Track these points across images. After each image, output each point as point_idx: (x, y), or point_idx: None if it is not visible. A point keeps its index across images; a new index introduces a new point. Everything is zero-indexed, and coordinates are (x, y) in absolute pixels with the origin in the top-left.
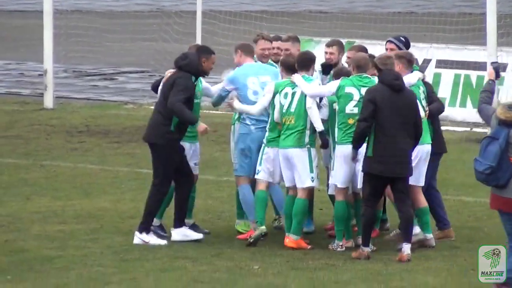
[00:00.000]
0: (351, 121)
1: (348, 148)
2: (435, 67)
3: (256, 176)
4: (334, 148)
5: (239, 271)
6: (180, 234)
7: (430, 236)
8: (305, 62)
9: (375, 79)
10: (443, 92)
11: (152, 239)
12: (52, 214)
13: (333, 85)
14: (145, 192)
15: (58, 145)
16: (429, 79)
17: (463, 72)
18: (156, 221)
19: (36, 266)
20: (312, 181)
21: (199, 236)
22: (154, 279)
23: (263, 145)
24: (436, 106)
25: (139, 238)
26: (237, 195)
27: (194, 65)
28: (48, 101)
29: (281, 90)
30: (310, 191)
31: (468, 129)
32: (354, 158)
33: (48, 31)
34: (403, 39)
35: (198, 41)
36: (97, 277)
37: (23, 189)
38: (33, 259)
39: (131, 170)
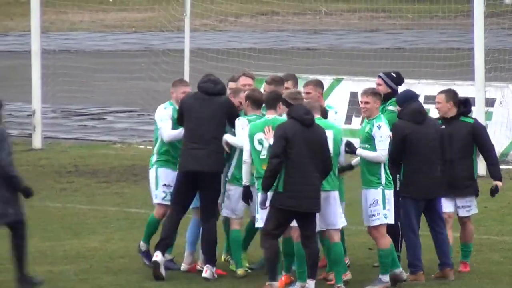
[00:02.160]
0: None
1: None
2: (424, 103)
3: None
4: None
5: None
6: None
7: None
8: (272, 101)
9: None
10: None
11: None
12: (41, 254)
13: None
14: (134, 232)
15: (47, 186)
16: None
17: None
18: (144, 245)
19: None
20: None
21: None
22: None
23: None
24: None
25: (211, 271)
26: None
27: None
28: (37, 142)
29: (256, 134)
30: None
31: None
32: (264, 202)
33: (36, 71)
34: (394, 74)
35: (187, 79)
36: None
37: None
38: None
39: (120, 210)
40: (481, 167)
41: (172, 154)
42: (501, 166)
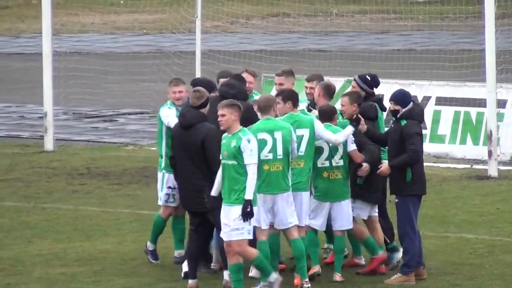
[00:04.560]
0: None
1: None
2: (435, 104)
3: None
4: None
5: None
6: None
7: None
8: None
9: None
10: (443, 129)
11: None
12: (53, 257)
13: None
14: (146, 234)
15: (59, 188)
16: (429, 116)
17: (462, 109)
18: (151, 246)
19: None
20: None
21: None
22: None
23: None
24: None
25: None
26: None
27: (243, 93)
28: (49, 144)
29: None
30: None
31: (468, 166)
32: None
33: (47, 73)
34: (368, 77)
35: None
36: None
37: (25, 232)
38: None
39: (132, 212)
40: (493, 168)
41: None
42: None
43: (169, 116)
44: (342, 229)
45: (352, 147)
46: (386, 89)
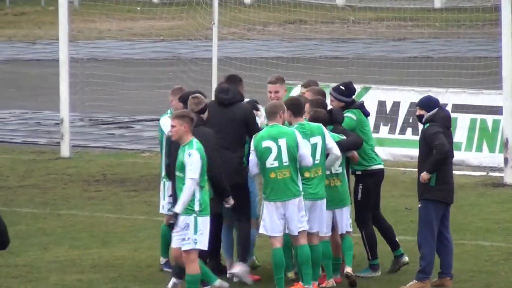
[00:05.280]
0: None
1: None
2: (451, 112)
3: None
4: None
5: None
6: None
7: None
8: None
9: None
10: (459, 136)
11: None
12: (70, 263)
13: None
14: None
15: (75, 194)
16: None
17: (479, 117)
18: (163, 260)
19: None
20: None
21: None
22: None
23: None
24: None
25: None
26: None
27: (238, 96)
28: (65, 150)
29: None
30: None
31: (485, 173)
32: None
33: (64, 80)
34: (343, 88)
35: (214, 88)
36: None
37: (41, 239)
38: None
39: (148, 219)
40: (509, 175)
41: None
42: None
43: (168, 125)
44: (344, 231)
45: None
46: (402, 96)
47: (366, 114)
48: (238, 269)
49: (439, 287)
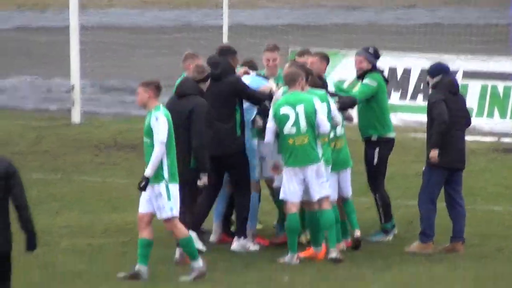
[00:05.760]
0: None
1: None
2: (462, 78)
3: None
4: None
5: (268, 283)
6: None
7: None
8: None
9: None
10: (470, 103)
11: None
12: (80, 228)
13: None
14: None
15: (86, 160)
16: None
17: (490, 83)
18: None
19: (66, 279)
20: None
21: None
22: None
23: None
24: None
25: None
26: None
27: (229, 69)
28: (76, 117)
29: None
30: None
31: (496, 139)
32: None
33: (74, 47)
34: (371, 50)
35: None
36: None
37: (52, 204)
38: (63, 272)
39: None
40: None
41: None
42: None
43: None
44: (349, 195)
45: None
46: (412, 63)
47: (386, 80)
48: (234, 245)
49: (451, 251)
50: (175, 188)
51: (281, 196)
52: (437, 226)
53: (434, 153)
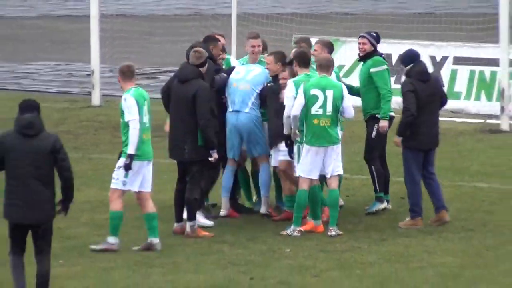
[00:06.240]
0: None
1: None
2: (452, 64)
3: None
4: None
5: (272, 254)
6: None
7: (156, 240)
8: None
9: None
10: (459, 87)
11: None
12: (100, 203)
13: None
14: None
15: (105, 140)
16: (446, 75)
17: (478, 68)
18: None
19: (86, 251)
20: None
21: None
22: (194, 262)
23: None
24: None
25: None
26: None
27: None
28: (96, 99)
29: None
30: None
31: (482, 120)
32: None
33: (94, 34)
34: (374, 34)
35: (233, 42)
36: (141, 261)
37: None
38: (83, 245)
39: (171, 162)
40: (505, 122)
41: None
42: None
43: None
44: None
45: None
46: (406, 49)
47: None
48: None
49: (438, 221)
50: (135, 166)
51: (298, 172)
52: (426, 202)
53: (398, 139)
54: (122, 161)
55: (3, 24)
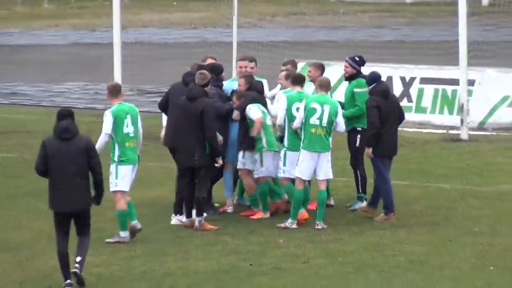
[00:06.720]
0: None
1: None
2: (419, 83)
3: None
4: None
5: (268, 244)
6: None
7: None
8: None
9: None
10: (425, 103)
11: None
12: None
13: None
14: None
15: None
16: (415, 93)
17: (441, 87)
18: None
19: (110, 243)
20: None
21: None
22: (201, 251)
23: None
24: None
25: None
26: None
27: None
28: None
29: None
30: None
31: (445, 131)
32: None
33: (117, 58)
34: (357, 58)
35: (234, 65)
36: (157, 250)
37: None
38: (108, 237)
39: (161, 165)
40: (464, 132)
41: None
42: (480, 132)
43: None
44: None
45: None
46: (380, 71)
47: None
48: (172, 221)
49: (365, 212)
50: (124, 169)
51: (297, 174)
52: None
53: (368, 150)
54: (112, 167)
55: (40, 51)
